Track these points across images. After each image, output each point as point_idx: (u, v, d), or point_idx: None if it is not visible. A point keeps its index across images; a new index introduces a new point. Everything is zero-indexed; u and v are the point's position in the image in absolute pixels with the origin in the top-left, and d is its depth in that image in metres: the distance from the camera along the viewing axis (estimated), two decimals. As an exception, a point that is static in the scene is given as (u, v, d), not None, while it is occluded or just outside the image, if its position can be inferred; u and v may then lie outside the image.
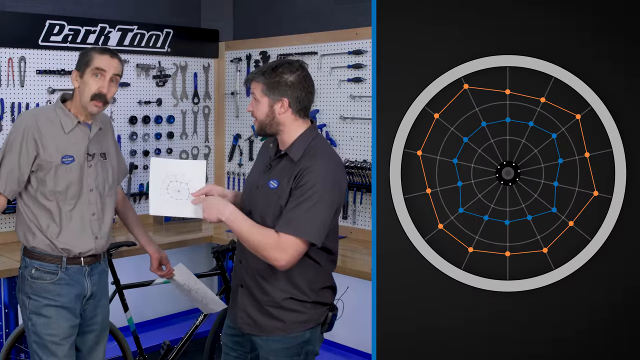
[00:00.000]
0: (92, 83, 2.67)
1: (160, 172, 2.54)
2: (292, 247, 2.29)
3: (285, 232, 2.29)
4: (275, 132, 2.44)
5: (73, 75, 2.73)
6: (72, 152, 2.69)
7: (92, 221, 2.74)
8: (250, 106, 2.47)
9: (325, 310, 2.49)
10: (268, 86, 2.39)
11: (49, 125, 2.68)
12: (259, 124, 2.46)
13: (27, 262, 2.70)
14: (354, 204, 4.04)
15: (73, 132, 2.71)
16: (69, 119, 2.71)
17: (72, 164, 2.68)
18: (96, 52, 2.72)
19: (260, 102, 2.42)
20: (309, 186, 2.30)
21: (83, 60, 2.71)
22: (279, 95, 2.39)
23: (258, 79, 2.42)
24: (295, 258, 2.31)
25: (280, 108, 2.39)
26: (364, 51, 3.97)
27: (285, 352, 2.43)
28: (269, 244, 2.30)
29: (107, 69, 2.68)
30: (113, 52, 2.75)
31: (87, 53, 2.73)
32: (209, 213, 2.40)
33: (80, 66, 2.71)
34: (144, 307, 4.60)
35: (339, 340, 4.23)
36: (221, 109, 4.85)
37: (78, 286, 2.73)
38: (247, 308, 2.48)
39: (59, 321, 2.68)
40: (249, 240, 2.35)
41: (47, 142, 2.65)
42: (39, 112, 2.78)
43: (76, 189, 2.69)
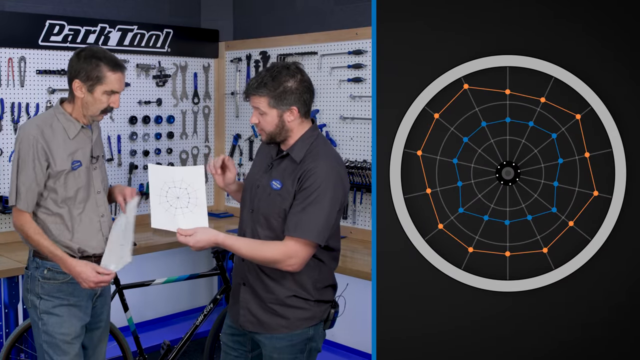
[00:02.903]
0: (103, 100, 2.63)
1: (159, 178, 2.51)
2: (302, 250, 2.32)
3: (294, 235, 2.31)
4: (285, 139, 2.43)
5: (76, 85, 2.62)
6: (79, 157, 2.68)
7: (101, 222, 2.75)
8: (254, 119, 2.41)
9: (328, 307, 2.50)
10: (275, 98, 2.35)
11: (54, 134, 2.64)
12: (267, 135, 2.41)
13: (39, 263, 2.68)
14: (354, 204, 4.04)
15: (77, 137, 2.68)
16: (72, 124, 2.67)
17: (80, 169, 2.67)
18: (109, 70, 2.60)
19: (268, 114, 2.37)
20: (313, 188, 2.31)
21: (92, 74, 2.59)
22: (287, 105, 2.36)
23: (261, 93, 2.35)
24: (306, 260, 2.35)
25: (289, 116, 2.38)
26: (364, 51, 3.97)
27: (289, 350, 2.43)
28: (276, 258, 2.33)
29: (120, 89, 2.65)
30: (122, 67, 2.66)
31: (97, 67, 2.60)
32: (201, 249, 2.39)
33: (87, 79, 2.60)
34: (144, 307, 4.60)
35: (339, 340, 4.24)
36: (221, 109, 4.85)
37: None
38: (249, 306, 2.48)
39: (71, 320, 2.69)
40: (254, 259, 2.39)
41: (56, 151, 2.62)
42: (41, 121, 2.67)
43: (85, 192, 2.69)
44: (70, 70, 2.65)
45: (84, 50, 2.66)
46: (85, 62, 2.60)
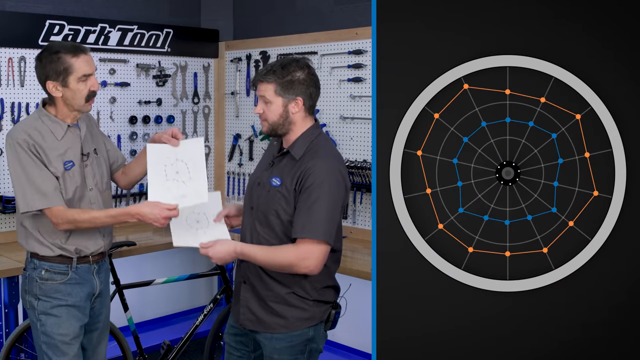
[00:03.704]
0: (82, 88, 2.59)
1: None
2: (314, 250, 2.31)
3: (303, 237, 2.31)
4: (286, 132, 2.43)
5: (50, 86, 2.58)
6: (70, 157, 2.65)
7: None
8: (259, 108, 2.41)
9: (328, 308, 2.49)
10: (282, 86, 2.35)
11: (42, 137, 2.60)
12: (270, 125, 2.41)
13: (36, 264, 2.67)
14: (354, 204, 4.04)
15: (65, 137, 2.65)
16: (58, 125, 2.64)
17: (73, 169, 2.65)
18: (72, 57, 2.57)
19: (273, 102, 2.37)
20: (315, 187, 2.31)
21: (58, 68, 2.56)
22: (293, 95, 2.37)
23: (269, 79, 2.36)
24: (321, 260, 2.34)
25: (294, 107, 2.38)
26: (364, 51, 3.97)
27: (289, 350, 2.43)
28: (291, 262, 2.33)
29: (91, 70, 2.61)
30: (83, 49, 2.61)
31: (59, 59, 2.56)
32: (222, 260, 2.44)
33: (57, 76, 2.56)
34: (144, 307, 4.60)
35: (340, 340, 4.24)
36: (221, 109, 4.85)
37: (88, 285, 2.73)
38: (249, 304, 2.48)
39: (70, 320, 2.68)
40: (269, 266, 2.40)
41: (48, 154, 2.59)
42: (26, 126, 2.61)
43: (80, 191, 2.67)
44: (39, 74, 2.62)
45: (42, 52, 2.62)
46: (48, 61, 2.58)
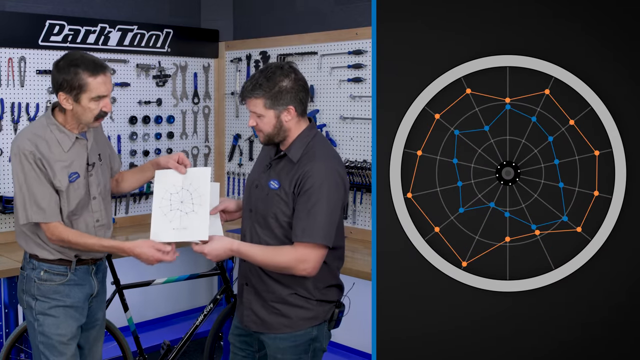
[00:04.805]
0: (93, 107, 2.52)
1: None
2: (312, 254, 2.32)
3: (302, 240, 2.31)
4: (283, 139, 2.43)
5: (62, 97, 2.50)
6: (75, 169, 2.61)
7: (96, 227, 2.71)
8: (252, 121, 2.41)
9: (332, 307, 2.49)
10: (271, 99, 2.35)
11: (49, 148, 2.55)
12: (265, 136, 2.41)
13: (35, 265, 2.66)
14: (354, 204, 4.04)
15: (72, 149, 2.61)
16: (65, 136, 2.58)
17: (78, 180, 2.62)
18: (89, 76, 2.47)
19: (265, 116, 2.37)
20: (313, 190, 2.31)
21: (73, 83, 2.47)
22: (284, 104, 2.36)
23: (257, 95, 2.35)
24: (318, 263, 2.35)
25: (286, 116, 2.38)
26: (364, 51, 3.97)
27: (292, 350, 2.43)
28: (288, 264, 2.33)
29: (107, 92, 2.53)
30: (104, 68, 2.52)
31: (76, 75, 2.47)
32: (217, 257, 2.43)
33: (70, 90, 2.48)
34: (144, 307, 4.61)
35: (340, 340, 4.24)
36: (221, 109, 4.85)
37: (87, 286, 2.73)
38: (252, 305, 2.48)
39: (68, 321, 2.68)
40: (266, 266, 2.40)
41: (54, 166, 2.56)
42: (33, 135, 2.55)
43: (83, 201, 2.65)
44: (53, 82, 2.55)
45: (62, 59, 2.54)
46: (64, 72, 2.49)
